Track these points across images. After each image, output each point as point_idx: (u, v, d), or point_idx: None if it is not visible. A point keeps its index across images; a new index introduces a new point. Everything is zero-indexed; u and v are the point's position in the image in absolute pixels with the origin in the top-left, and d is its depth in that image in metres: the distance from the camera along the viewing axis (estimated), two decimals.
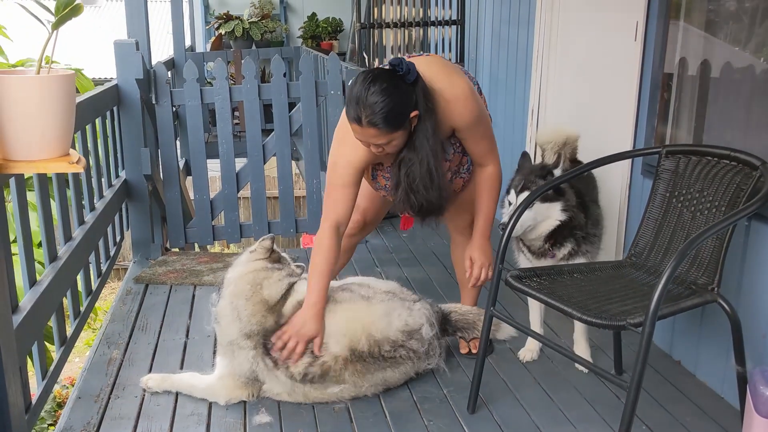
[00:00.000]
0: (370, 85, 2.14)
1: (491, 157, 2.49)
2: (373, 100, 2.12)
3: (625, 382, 1.87)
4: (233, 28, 8.10)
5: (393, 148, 2.26)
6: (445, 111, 2.30)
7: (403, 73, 2.18)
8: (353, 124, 2.19)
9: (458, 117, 2.33)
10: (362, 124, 2.16)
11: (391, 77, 2.17)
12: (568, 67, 3.65)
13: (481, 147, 2.44)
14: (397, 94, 2.15)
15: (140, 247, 3.85)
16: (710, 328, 2.51)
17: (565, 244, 2.53)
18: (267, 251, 2.51)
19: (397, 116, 2.16)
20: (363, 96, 2.14)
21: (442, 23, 4.60)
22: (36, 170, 1.72)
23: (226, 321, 2.41)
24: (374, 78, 2.16)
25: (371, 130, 2.17)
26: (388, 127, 2.16)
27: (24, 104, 1.57)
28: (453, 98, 2.29)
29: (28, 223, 2.27)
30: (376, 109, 2.13)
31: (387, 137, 2.19)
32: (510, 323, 2.33)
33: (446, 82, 2.30)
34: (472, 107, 2.34)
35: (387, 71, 2.20)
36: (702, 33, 2.64)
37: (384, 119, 2.14)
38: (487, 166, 2.49)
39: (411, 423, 2.33)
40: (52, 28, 1.65)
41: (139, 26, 3.78)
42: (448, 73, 2.35)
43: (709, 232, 1.91)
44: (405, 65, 2.18)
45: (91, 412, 2.39)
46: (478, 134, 2.41)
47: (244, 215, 7.11)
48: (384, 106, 2.13)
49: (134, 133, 3.67)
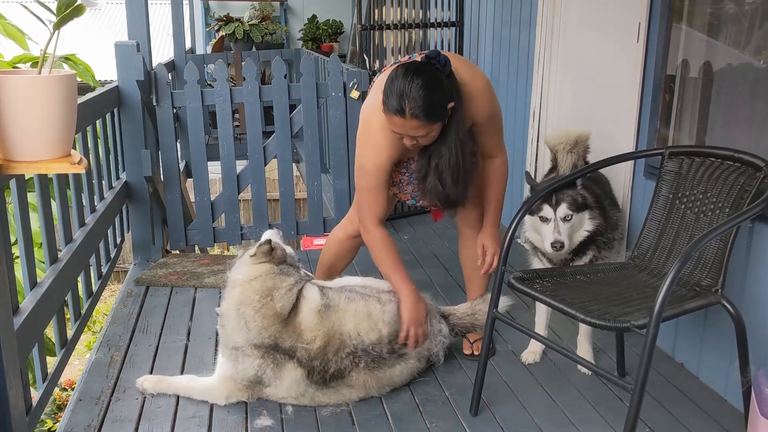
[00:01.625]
0: (414, 78, 2.18)
1: (501, 148, 2.58)
2: (416, 93, 2.17)
3: (629, 384, 1.86)
4: (233, 30, 8.10)
5: (428, 140, 2.30)
6: (469, 105, 2.36)
7: (441, 66, 2.23)
8: (395, 116, 2.23)
9: (480, 111, 2.40)
10: (405, 116, 2.20)
11: (432, 70, 2.23)
12: (570, 69, 3.64)
13: (495, 139, 2.54)
14: (438, 87, 2.21)
15: (141, 249, 3.84)
16: (713, 331, 2.50)
17: (587, 252, 2.53)
18: (266, 255, 2.43)
19: (438, 108, 2.22)
20: (407, 89, 2.18)
21: (441, 25, 4.60)
22: (37, 171, 1.71)
23: (232, 327, 2.37)
24: (416, 71, 2.20)
25: (413, 122, 2.21)
26: (430, 119, 2.22)
27: (25, 104, 1.56)
28: (476, 92, 2.37)
29: (28, 224, 2.26)
30: (420, 102, 2.17)
31: (427, 129, 2.24)
32: (512, 325, 2.32)
33: (470, 77, 2.37)
34: (493, 101, 2.44)
35: (426, 64, 2.25)
36: (704, 34, 2.63)
37: (427, 111, 2.19)
38: (496, 157, 2.57)
39: (413, 425, 2.32)
40: (54, 28, 1.64)
41: (140, 28, 3.77)
42: (471, 68, 2.44)
43: (713, 233, 1.90)
44: (441, 58, 2.24)
45: (92, 415, 2.38)
46: (494, 128, 2.50)
47: (245, 217, 7.09)
48: (428, 98, 2.18)
49: (135, 134, 3.66)
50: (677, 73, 2.75)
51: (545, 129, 3.85)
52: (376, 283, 2.64)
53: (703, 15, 2.63)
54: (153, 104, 3.81)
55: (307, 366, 2.33)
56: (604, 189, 2.74)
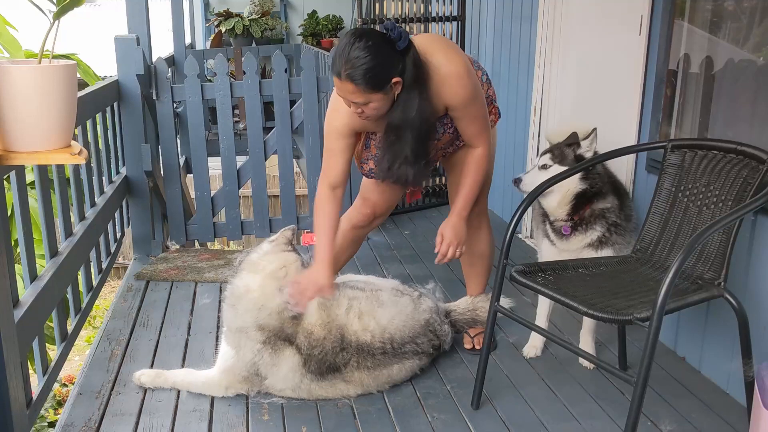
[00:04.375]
0: (356, 41, 2.13)
1: (481, 139, 2.45)
2: (355, 54, 2.12)
3: (631, 378, 1.85)
4: (233, 25, 8.08)
5: (371, 110, 2.24)
6: (440, 87, 2.29)
7: (394, 38, 2.17)
8: (335, 77, 2.19)
9: (452, 95, 2.32)
10: (341, 78, 2.16)
11: (378, 38, 2.17)
12: (572, 63, 3.63)
13: (473, 128, 2.42)
14: (380, 54, 2.14)
15: (141, 244, 3.83)
16: (715, 324, 2.50)
17: (594, 227, 2.48)
18: (288, 242, 2.46)
19: (376, 76, 2.15)
20: (347, 50, 2.13)
21: (442, 19, 4.59)
22: (37, 161, 1.70)
23: (245, 307, 2.35)
24: (361, 35, 2.15)
25: (349, 85, 2.16)
26: (366, 86, 2.15)
27: (25, 94, 1.55)
28: (448, 74, 2.28)
29: (28, 217, 2.25)
30: (356, 64, 2.12)
31: (364, 96, 2.18)
32: (514, 318, 2.31)
33: (443, 58, 2.29)
34: (466, 86, 2.31)
35: (376, 32, 2.20)
36: (707, 28, 2.62)
37: (362, 76, 2.13)
38: (476, 148, 2.47)
39: (415, 419, 2.32)
40: (54, 18, 1.63)
41: (140, 22, 3.76)
42: (447, 49, 2.34)
43: (715, 226, 1.89)
44: (397, 31, 2.18)
45: (92, 409, 2.37)
46: (471, 114, 2.39)
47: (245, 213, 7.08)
48: (364, 63, 2.11)
49: (135, 129, 3.65)
50: (680, 66, 2.74)
51: (546, 123, 3.84)
52: (378, 281, 2.63)
53: (706, 7, 2.62)
54: (153, 98, 3.80)
55: (306, 354, 2.33)
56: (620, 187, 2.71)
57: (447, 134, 2.48)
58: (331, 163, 2.45)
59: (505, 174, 4.32)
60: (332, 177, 2.46)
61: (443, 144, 2.52)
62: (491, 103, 2.60)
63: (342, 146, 2.43)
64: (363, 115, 2.27)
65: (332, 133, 2.43)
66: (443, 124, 2.44)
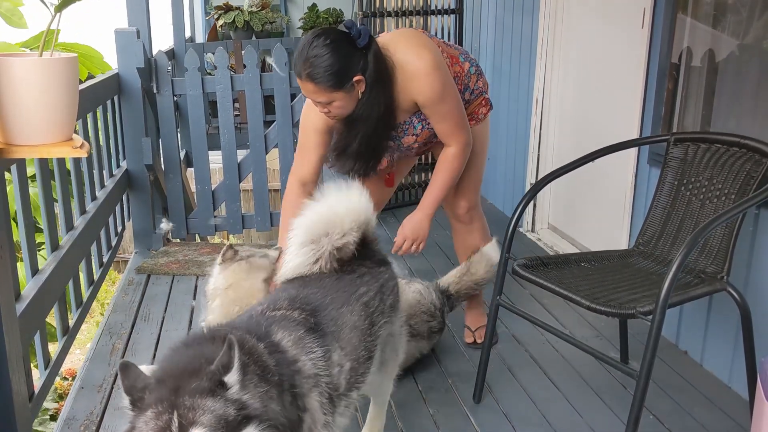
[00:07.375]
0: (314, 40, 2.12)
1: (454, 138, 2.38)
2: (314, 53, 2.11)
3: (634, 371, 1.85)
4: (233, 18, 8.04)
5: (336, 109, 2.22)
6: (407, 84, 2.26)
7: (354, 36, 2.16)
8: (297, 78, 2.19)
9: (420, 92, 2.27)
10: (302, 78, 2.15)
11: (338, 36, 2.16)
12: (573, 56, 3.62)
13: (444, 126, 2.36)
14: (340, 53, 2.12)
15: (142, 238, 3.82)
16: (717, 318, 2.50)
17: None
18: (232, 256, 2.37)
19: (336, 74, 2.13)
20: (305, 50, 2.13)
21: (441, 12, 4.57)
22: (38, 155, 1.69)
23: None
24: (320, 34, 2.14)
25: (309, 85, 2.15)
26: (326, 84, 2.13)
27: (26, 87, 1.54)
28: (414, 71, 2.25)
29: (29, 210, 2.24)
30: (315, 63, 2.11)
31: (326, 95, 2.16)
32: (516, 312, 2.31)
33: (411, 55, 2.25)
34: (434, 83, 2.25)
35: (336, 30, 2.19)
36: (709, 21, 2.61)
37: (322, 74, 2.11)
38: (449, 147, 2.40)
39: (416, 412, 2.32)
40: (55, 10, 1.62)
41: (140, 15, 3.74)
42: (416, 46, 2.29)
43: (719, 220, 1.89)
44: (357, 29, 2.16)
45: (94, 402, 2.37)
46: (441, 112, 2.32)
47: (246, 207, 7.07)
48: (323, 61, 2.10)
49: (135, 122, 3.64)
50: (682, 59, 2.73)
51: (548, 117, 3.83)
52: None
53: (706, 5, 2.61)
54: (153, 92, 3.79)
55: None
56: None
57: (426, 130, 2.43)
58: (305, 159, 2.42)
59: (506, 167, 4.32)
60: (304, 173, 2.42)
61: (423, 139, 2.47)
62: (481, 95, 2.52)
63: (317, 142, 2.39)
64: (330, 115, 2.25)
65: (309, 127, 2.39)
66: (421, 120, 2.40)
